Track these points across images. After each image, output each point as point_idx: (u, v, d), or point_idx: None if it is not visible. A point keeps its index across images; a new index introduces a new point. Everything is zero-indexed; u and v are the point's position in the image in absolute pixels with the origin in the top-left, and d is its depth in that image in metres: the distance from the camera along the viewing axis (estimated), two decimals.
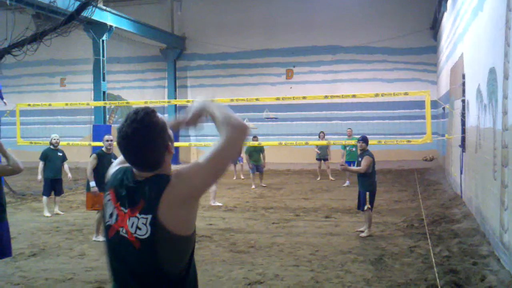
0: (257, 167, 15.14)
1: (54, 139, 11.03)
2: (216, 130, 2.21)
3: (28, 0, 12.70)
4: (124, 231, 2.15)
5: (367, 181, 8.62)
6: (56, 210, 11.05)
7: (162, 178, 2.13)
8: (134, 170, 2.22)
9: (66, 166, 11.18)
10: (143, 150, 2.14)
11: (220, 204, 11.73)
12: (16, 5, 12.91)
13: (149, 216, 2.08)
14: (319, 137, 16.53)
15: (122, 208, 2.18)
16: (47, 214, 10.78)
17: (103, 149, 8.71)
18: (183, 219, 2.12)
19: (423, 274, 6.27)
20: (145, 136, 2.12)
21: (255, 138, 15.61)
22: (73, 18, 9.00)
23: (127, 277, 2.20)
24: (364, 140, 8.82)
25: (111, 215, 2.22)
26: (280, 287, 5.97)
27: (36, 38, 8.42)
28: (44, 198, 11.00)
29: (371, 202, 8.62)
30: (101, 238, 8.55)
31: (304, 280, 6.21)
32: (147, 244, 2.10)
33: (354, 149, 14.51)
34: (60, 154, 11.10)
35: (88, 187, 8.63)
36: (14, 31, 9.01)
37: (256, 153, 15.23)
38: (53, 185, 10.99)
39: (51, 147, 11.01)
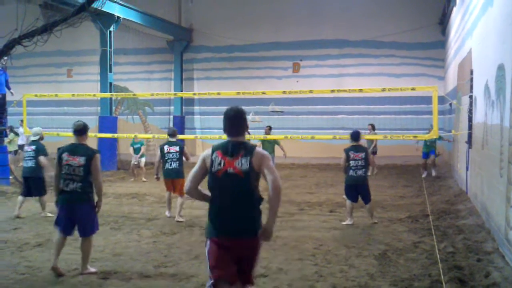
0: None
1: None
2: (219, 124, 4.39)
3: None
4: (231, 170, 3.99)
5: (346, 175, 9.32)
6: None
7: (251, 145, 4.11)
8: (229, 138, 4.09)
9: None
10: (241, 123, 4.13)
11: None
12: None
13: (248, 158, 4.00)
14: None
15: (228, 157, 4.02)
16: None
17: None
18: (258, 167, 4.01)
19: (427, 270, 6.26)
20: (242, 116, 4.14)
21: (269, 128, 15.52)
22: (83, 9, 8.98)
23: (233, 199, 4.00)
24: (351, 135, 9.44)
25: (219, 163, 4.02)
26: (284, 281, 5.97)
27: (47, 28, 8.40)
28: None
29: (346, 194, 9.43)
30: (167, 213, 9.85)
31: (308, 274, 6.21)
32: (246, 174, 3.98)
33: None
34: None
35: (177, 175, 9.65)
36: (23, 22, 9.01)
37: (268, 143, 15.02)
38: None
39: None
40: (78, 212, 6.13)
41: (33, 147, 9.80)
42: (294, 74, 22.18)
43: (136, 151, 15.75)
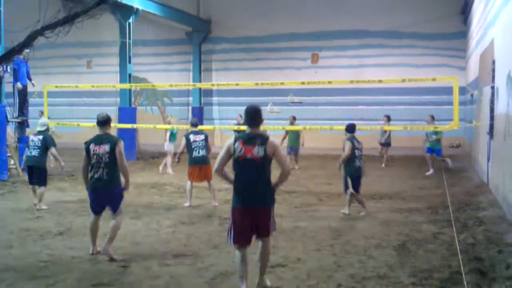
0: (292, 149, 15.05)
1: None
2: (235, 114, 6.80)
3: None
4: (249, 156, 5.09)
5: (347, 166, 9.09)
6: None
7: (266, 136, 5.18)
8: (247, 130, 5.24)
9: None
10: (258, 117, 5.27)
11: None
12: None
13: (263, 147, 5.09)
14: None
15: (247, 146, 5.11)
16: None
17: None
18: (271, 154, 5.15)
19: (447, 261, 6.22)
20: (258, 112, 5.28)
21: (294, 118, 15.56)
22: (104, 1, 9.06)
23: (252, 179, 5.13)
24: (346, 128, 9.40)
25: (240, 151, 5.11)
26: (302, 271, 5.98)
27: (68, 20, 8.50)
28: None
29: (353, 186, 9.04)
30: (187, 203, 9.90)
31: (326, 264, 6.21)
32: (262, 159, 5.10)
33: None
34: None
35: (205, 161, 9.82)
36: (46, 14, 9.11)
37: (293, 133, 15.13)
38: None
39: None
40: (107, 196, 6.64)
41: (41, 137, 9.80)
42: (313, 65, 22.05)
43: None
